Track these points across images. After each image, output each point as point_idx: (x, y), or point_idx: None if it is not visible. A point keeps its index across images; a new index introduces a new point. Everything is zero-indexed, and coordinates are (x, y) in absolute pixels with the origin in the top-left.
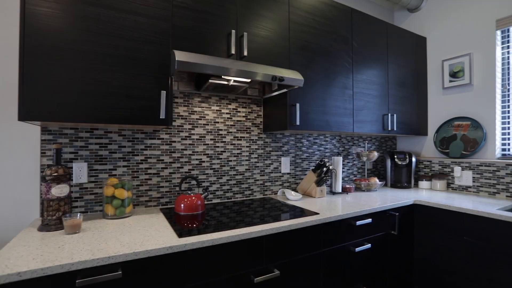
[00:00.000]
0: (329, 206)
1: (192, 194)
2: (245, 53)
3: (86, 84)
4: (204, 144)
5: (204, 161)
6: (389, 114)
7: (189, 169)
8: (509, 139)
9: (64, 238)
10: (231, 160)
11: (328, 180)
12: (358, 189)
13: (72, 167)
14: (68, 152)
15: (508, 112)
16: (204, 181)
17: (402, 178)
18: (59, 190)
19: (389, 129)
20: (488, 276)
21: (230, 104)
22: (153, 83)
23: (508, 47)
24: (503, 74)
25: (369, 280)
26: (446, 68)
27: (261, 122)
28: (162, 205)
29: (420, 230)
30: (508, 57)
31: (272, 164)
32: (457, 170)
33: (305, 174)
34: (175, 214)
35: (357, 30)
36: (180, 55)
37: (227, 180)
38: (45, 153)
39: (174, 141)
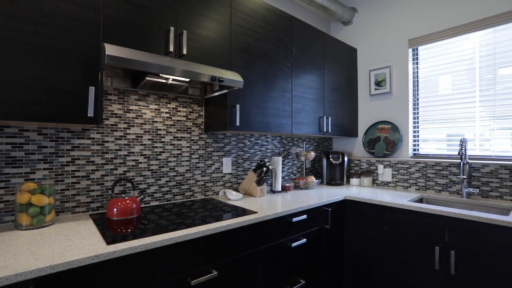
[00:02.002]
0: (268, 204)
1: (126, 198)
2: (185, 52)
3: None
4: (141, 145)
5: (141, 162)
6: (325, 117)
7: (124, 171)
8: (418, 140)
9: None
10: (170, 161)
11: (268, 180)
12: (297, 187)
13: None
14: None
15: (418, 118)
16: (141, 183)
17: (336, 176)
18: None
19: (325, 130)
20: (401, 258)
21: (169, 103)
22: (80, 78)
23: (417, 63)
24: (413, 86)
25: (306, 272)
26: (372, 77)
27: (202, 122)
28: (92, 211)
29: (349, 222)
30: (417, 72)
31: (213, 164)
32: (380, 168)
33: (247, 174)
34: (107, 220)
35: (296, 37)
36: (110, 49)
37: (167, 181)
38: None
39: (107, 141)
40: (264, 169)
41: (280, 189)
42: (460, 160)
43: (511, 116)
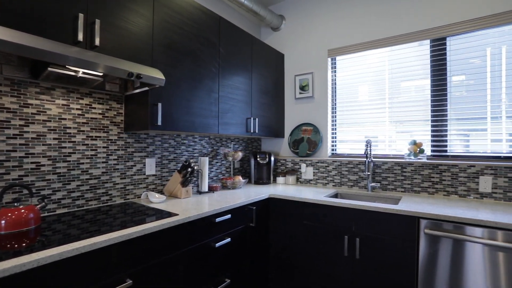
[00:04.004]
0: (192, 205)
1: (21, 207)
2: (97, 43)
3: None
4: (44, 145)
5: (44, 165)
6: (252, 118)
7: (19, 176)
8: (335, 141)
9: None
10: (83, 163)
11: (193, 181)
12: (224, 187)
13: None
14: None
15: (335, 121)
16: (44, 189)
17: (263, 175)
18: None
19: (252, 131)
20: (318, 249)
21: (82, 98)
22: None
23: (335, 71)
24: (332, 91)
25: (232, 271)
26: (297, 82)
27: (122, 120)
28: None
29: (274, 220)
30: (335, 79)
31: (135, 166)
32: (303, 166)
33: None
34: None
35: (224, 38)
36: None
37: (78, 185)
38: None
39: None
40: (189, 169)
41: (207, 190)
42: (365, 159)
43: (408, 121)
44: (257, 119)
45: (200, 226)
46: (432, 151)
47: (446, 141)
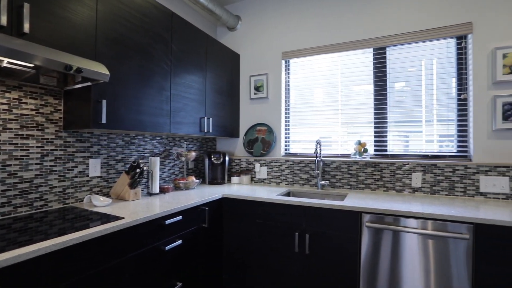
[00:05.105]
0: (141, 208)
1: None
2: (27, 30)
3: None
4: None
5: None
6: (206, 118)
7: None
8: (289, 141)
9: None
10: (10, 165)
11: (143, 182)
12: (177, 188)
13: None
14: None
15: (289, 121)
16: None
17: (218, 175)
18: None
19: (206, 131)
20: (271, 246)
21: (9, 92)
22: None
23: (288, 73)
24: (286, 93)
25: (184, 274)
26: (252, 82)
27: (61, 118)
28: None
29: (227, 220)
30: (289, 81)
31: (76, 167)
32: (257, 166)
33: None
34: None
35: (177, 34)
36: None
37: (3, 190)
38: None
39: None
40: (138, 170)
41: (158, 191)
42: (315, 158)
43: (357, 123)
44: (211, 118)
45: (148, 229)
46: (375, 150)
47: (386, 141)
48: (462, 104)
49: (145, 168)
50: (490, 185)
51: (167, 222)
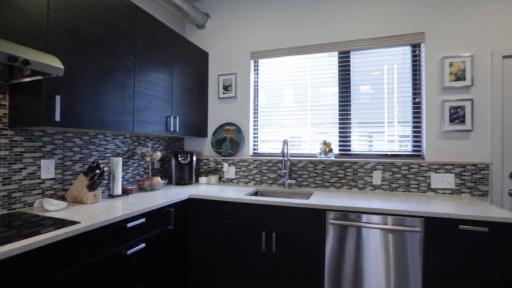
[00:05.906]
0: (100, 211)
1: None
2: None
3: None
4: None
5: None
6: (173, 116)
7: None
8: (257, 141)
9: None
10: None
11: (103, 183)
12: (142, 189)
13: None
14: None
15: (257, 121)
16: None
17: (185, 175)
18: None
19: (172, 130)
20: (238, 246)
21: None
22: None
23: (257, 73)
24: (254, 93)
25: (148, 278)
26: (221, 81)
27: (6, 114)
28: None
29: (194, 221)
30: (257, 81)
31: (25, 169)
32: (225, 166)
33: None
34: None
35: (142, 30)
36: None
37: None
38: None
39: None
40: (98, 171)
41: (120, 193)
42: (283, 158)
43: (325, 123)
44: (178, 117)
45: (108, 233)
46: (340, 150)
47: (350, 141)
48: (416, 107)
49: (105, 168)
50: (439, 181)
51: (129, 225)
